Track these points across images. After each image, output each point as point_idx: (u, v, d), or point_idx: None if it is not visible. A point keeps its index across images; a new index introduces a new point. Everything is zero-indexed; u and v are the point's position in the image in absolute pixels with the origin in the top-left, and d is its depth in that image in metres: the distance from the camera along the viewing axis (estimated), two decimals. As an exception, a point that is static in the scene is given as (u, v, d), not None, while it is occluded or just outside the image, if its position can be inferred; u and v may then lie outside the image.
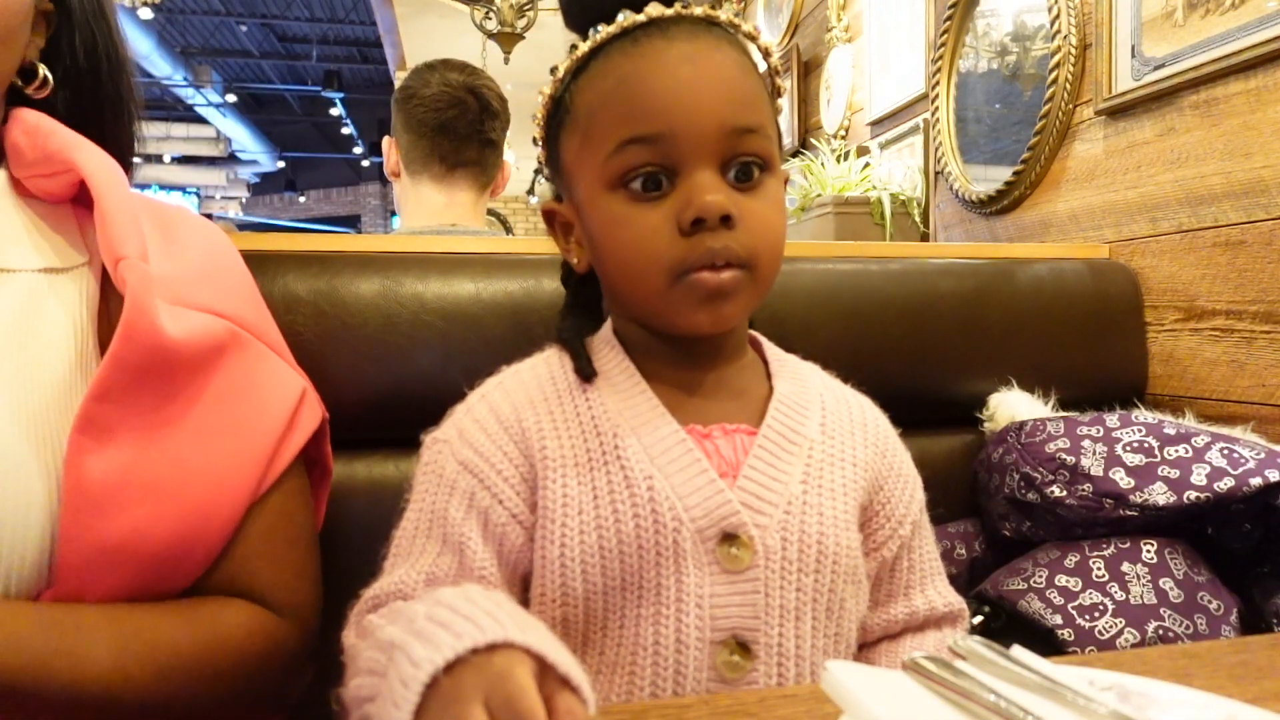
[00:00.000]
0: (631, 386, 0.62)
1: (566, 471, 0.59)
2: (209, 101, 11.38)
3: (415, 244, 1.03)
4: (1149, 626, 0.81)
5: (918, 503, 0.68)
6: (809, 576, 0.58)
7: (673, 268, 0.58)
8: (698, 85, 0.58)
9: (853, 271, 1.08)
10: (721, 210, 0.56)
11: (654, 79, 0.58)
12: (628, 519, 0.57)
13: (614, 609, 0.57)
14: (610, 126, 0.59)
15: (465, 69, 1.45)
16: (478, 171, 1.44)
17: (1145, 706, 0.40)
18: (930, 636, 0.67)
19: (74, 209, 0.68)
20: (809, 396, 0.66)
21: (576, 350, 0.64)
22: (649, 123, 0.57)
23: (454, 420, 0.63)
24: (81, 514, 0.56)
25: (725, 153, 0.58)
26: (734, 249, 0.57)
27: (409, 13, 5.57)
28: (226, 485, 0.63)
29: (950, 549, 1.03)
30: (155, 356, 0.59)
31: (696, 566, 0.56)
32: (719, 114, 0.58)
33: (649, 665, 0.56)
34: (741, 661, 0.56)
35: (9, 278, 0.61)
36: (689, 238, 0.57)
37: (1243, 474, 0.84)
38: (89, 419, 0.57)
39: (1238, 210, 1.09)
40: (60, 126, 0.66)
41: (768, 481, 0.59)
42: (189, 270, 0.67)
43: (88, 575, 0.57)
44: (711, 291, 0.58)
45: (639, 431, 0.60)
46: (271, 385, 0.69)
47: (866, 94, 2.33)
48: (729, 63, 0.60)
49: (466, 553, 0.58)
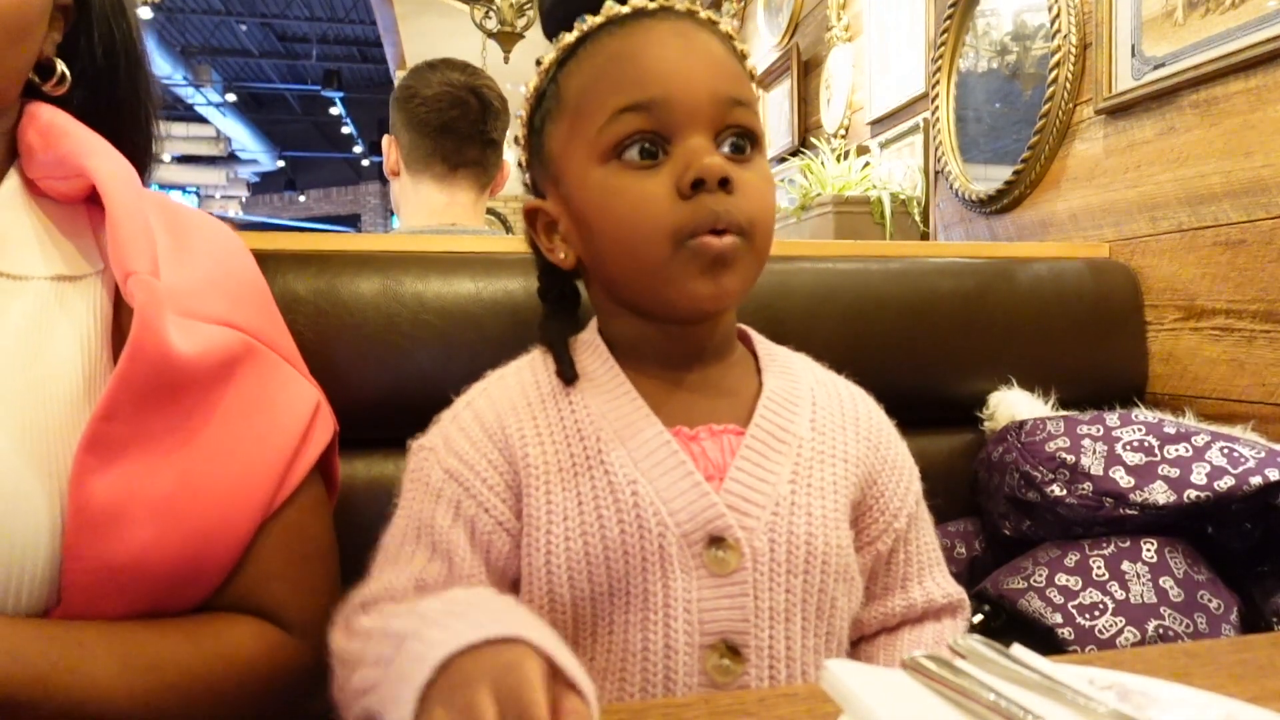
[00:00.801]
0: (616, 388, 0.62)
1: (550, 479, 0.59)
2: (209, 101, 11.38)
3: (415, 244, 1.02)
4: (1149, 625, 0.81)
5: (913, 495, 0.67)
6: (798, 578, 0.58)
7: (675, 232, 0.57)
8: (691, 55, 0.60)
9: (853, 271, 1.08)
10: (722, 172, 0.57)
11: (647, 50, 0.60)
12: (612, 525, 0.57)
13: (602, 615, 0.57)
14: (603, 98, 0.59)
15: (466, 69, 1.45)
16: (479, 171, 1.44)
17: (1145, 705, 0.40)
18: (929, 629, 0.66)
19: (88, 210, 0.66)
20: (799, 392, 0.65)
21: (559, 353, 0.64)
22: (643, 89, 0.58)
23: (440, 428, 0.63)
24: (86, 534, 0.55)
25: (718, 121, 0.59)
26: (734, 213, 0.57)
27: (409, 12, 5.57)
28: (238, 503, 0.62)
29: (950, 548, 1.03)
30: (164, 375, 0.58)
31: (684, 571, 0.56)
32: (712, 83, 0.59)
33: (638, 671, 0.56)
34: (732, 665, 0.56)
35: (20, 285, 0.60)
36: (690, 201, 0.57)
37: (1243, 473, 0.84)
38: (96, 438, 0.56)
39: (1238, 209, 1.09)
40: (75, 126, 0.65)
41: (755, 483, 0.59)
42: (201, 279, 0.65)
43: (95, 595, 0.56)
44: (715, 257, 0.57)
45: (623, 435, 0.59)
46: (285, 398, 0.68)
47: (866, 93, 2.33)
48: (716, 41, 0.62)
49: (455, 559, 0.58)
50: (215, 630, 0.61)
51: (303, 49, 11.13)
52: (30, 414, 0.56)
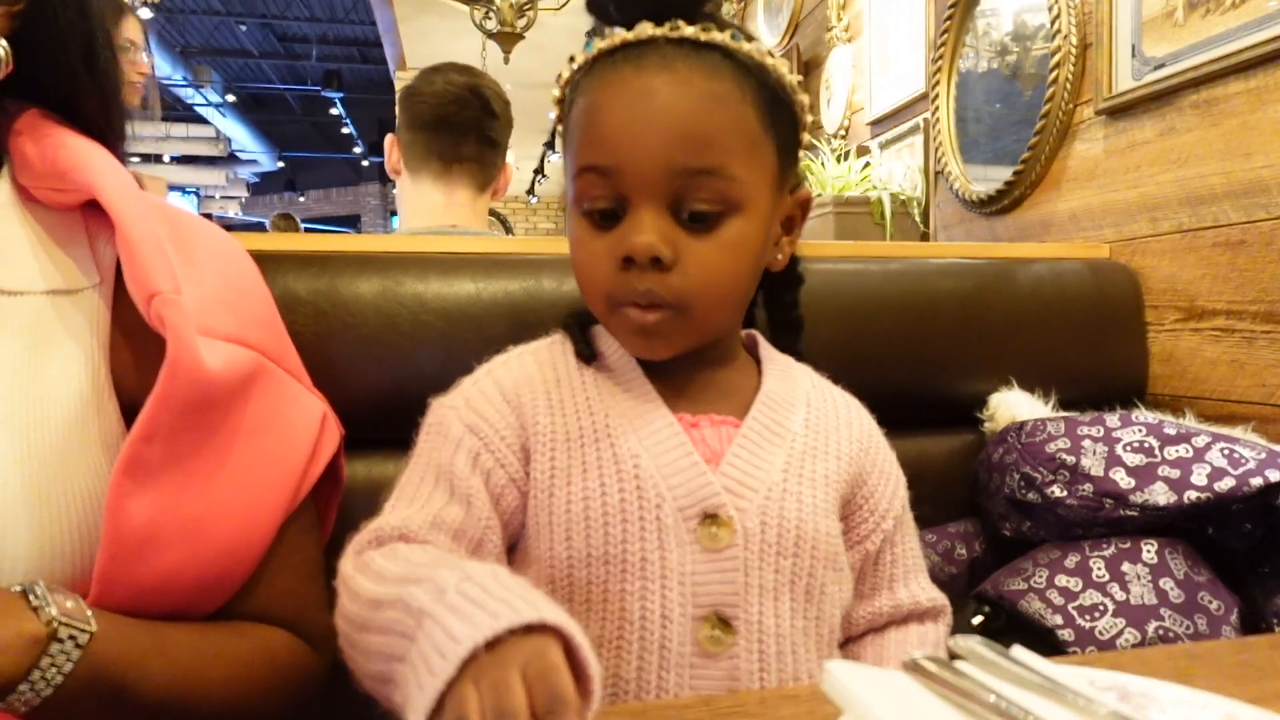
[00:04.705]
0: (628, 372, 0.65)
1: (556, 447, 0.62)
2: (209, 101, 11.38)
3: (415, 244, 1.03)
4: (1149, 626, 0.81)
5: (900, 499, 0.70)
6: (787, 559, 0.60)
7: (608, 297, 0.61)
8: (650, 123, 0.58)
9: (853, 271, 1.08)
10: (650, 253, 0.58)
11: (612, 110, 0.59)
12: (614, 493, 0.60)
13: (596, 581, 0.59)
14: (575, 149, 0.61)
15: (469, 71, 1.46)
16: (476, 169, 1.44)
17: (1145, 706, 0.40)
18: (913, 630, 0.69)
19: (84, 218, 0.65)
20: (795, 394, 0.68)
21: (576, 335, 0.67)
22: (602, 154, 0.59)
23: (461, 390, 0.66)
24: (121, 558, 0.56)
25: (674, 193, 0.58)
26: (658, 292, 0.59)
27: (409, 13, 5.56)
28: (256, 522, 0.63)
29: (950, 549, 1.03)
30: (197, 393, 0.58)
31: (678, 544, 0.59)
32: (665, 154, 0.57)
33: (636, 639, 0.58)
34: (723, 636, 0.58)
35: (14, 301, 0.59)
36: (623, 273, 0.59)
37: (1243, 474, 0.84)
38: (135, 461, 0.55)
39: (1238, 210, 1.09)
40: (70, 136, 0.63)
41: (749, 468, 0.62)
42: (212, 296, 0.64)
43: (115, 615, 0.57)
44: (638, 328, 0.61)
45: (629, 415, 0.63)
46: (295, 414, 0.68)
47: (866, 94, 2.33)
48: (695, 97, 0.58)
49: (474, 504, 0.60)
50: (257, 634, 0.64)
51: (303, 49, 11.12)
52: (33, 437, 0.56)
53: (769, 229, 0.64)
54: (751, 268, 0.63)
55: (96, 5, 0.65)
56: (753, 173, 0.60)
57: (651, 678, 0.57)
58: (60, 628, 0.50)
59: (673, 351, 0.63)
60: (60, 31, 0.63)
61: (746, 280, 0.64)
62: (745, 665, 0.58)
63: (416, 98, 1.41)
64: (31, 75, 0.63)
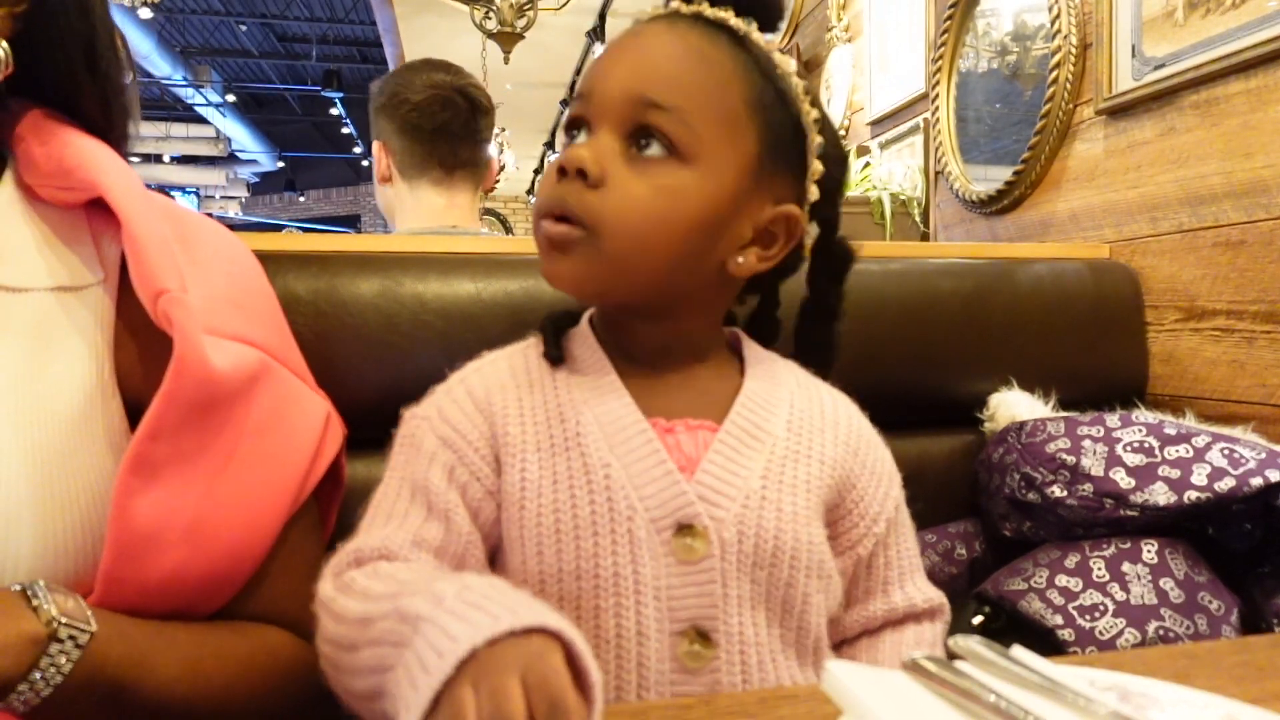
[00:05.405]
0: (600, 375, 0.63)
1: (527, 456, 0.60)
2: (208, 101, 11.38)
3: (415, 244, 1.03)
4: (1149, 627, 0.81)
5: (893, 499, 0.67)
6: (764, 570, 0.58)
7: (537, 210, 0.61)
8: (623, 57, 0.61)
9: (853, 271, 1.08)
10: (578, 164, 0.58)
11: (606, 51, 0.64)
12: (584, 505, 0.58)
13: (570, 597, 0.57)
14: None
15: (449, 69, 1.44)
16: (473, 171, 1.44)
17: (1145, 707, 0.40)
18: (909, 631, 0.67)
19: (88, 215, 0.65)
20: (778, 395, 0.65)
21: (548, 337, 0.66)
22: (582, 83, 0.63)
23: (433, 399, 0.65)
24: (126, 557, 0.56)
25: (628, 120, 0.59)
26: (571, 204, 0.58)
27: (409, 12, 5.56)
28: (260, 522, 0.63)
29: (950, 549, 1.03)
30: (204, 392, 0.58)
31: (652, 557, 0.57)
32: (629, 81, 0.59)
33: (613, 657, 0.56)
34: (703, 651, 0.57)
35: (18, 298, 0.59)
36: (556, 185, 0.60)
37: (1243, 474, 0.84)
38: (141, 459, 0.55)
39: (1238, 210, 1.09)
40: (75, 135, 0.64)
41: (726, 476, 0.60)
42: (218, 295, 0.64)
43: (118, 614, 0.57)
44: (546, 240, 0.60)
45: (601, 420, 0.60)
46: (299, 414, 0.68)
47: (866, 94, 2.33)
48: (679, 44, 0.61)
49: (453, 520, 0.58)
50: (259, 634, 0.64)
51: (303, 49, 11.12)
52: (36, 435, 0.56)
53: (724, 210, 0.60)
54: (683, 229, 0.59)
55: (98, 6, 0.65)
56: (717, 140, 0.59)
57: (631, 695, 0.56)
58: (60, 628, 0.50)
59: (575, 278, 0.60)
60: (62, 33, 0.63)
61: (673, 236, 0.59)
62: (727, 679, 0.56)
63: (404, 105, 1.38)
64: (33, 76, 0.64)
